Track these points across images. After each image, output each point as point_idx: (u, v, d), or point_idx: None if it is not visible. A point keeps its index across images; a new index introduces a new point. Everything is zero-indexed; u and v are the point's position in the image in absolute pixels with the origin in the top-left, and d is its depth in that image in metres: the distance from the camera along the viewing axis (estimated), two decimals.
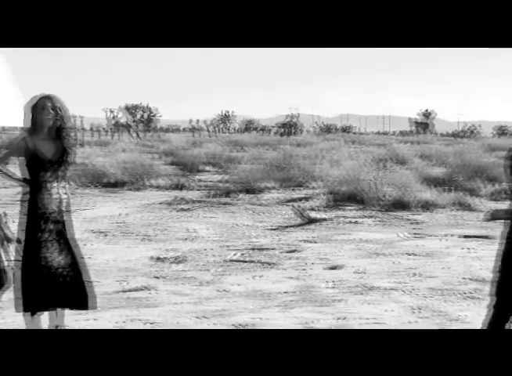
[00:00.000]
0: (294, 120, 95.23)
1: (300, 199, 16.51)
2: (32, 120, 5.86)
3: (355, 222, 13.31)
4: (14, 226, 5.74)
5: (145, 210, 15.49)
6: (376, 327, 6.43)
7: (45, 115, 5.83)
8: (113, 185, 20.39)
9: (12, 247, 4.83)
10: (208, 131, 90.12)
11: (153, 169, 21.63)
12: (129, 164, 21.68)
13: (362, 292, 7.85)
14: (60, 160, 5.95)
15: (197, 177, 23.28)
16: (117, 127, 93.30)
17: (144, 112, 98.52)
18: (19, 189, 6.14)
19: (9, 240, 3.61)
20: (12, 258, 3.59)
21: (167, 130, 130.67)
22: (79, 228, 6.43)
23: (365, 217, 14.09)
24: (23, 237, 5.62)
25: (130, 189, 19.84)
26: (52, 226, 5.86)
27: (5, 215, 4.43)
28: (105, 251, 10.60)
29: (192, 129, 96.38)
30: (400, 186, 15.84)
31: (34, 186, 5.84)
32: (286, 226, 12.91)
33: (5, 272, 3.48)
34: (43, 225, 5.81)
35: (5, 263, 3.49)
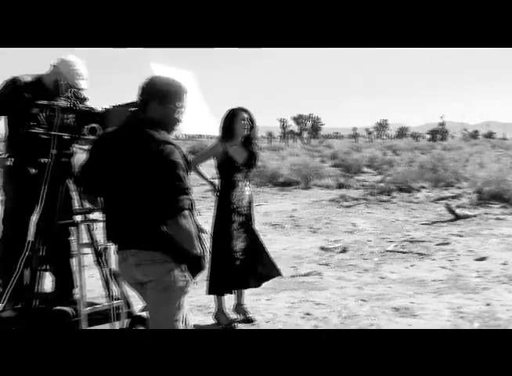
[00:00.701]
0: (444, 127, 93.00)
1: (449, 197, 16.07)
2: (229, 129, 6.05)
3: (500, 219, 12.80)
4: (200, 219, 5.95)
5: (312, 206, 15.57)
6: None
7: (243, 126, 6.02)
8: (284, 184, 20.59)
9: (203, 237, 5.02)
10: (369, 137, 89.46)
11: (319, 171, 21.68)
12: (298, 166, 21.83)
13: (507, 282, 7.56)
14: (250, 163, 6.12)
15: (358, 178, 23.14)
16: (288, 134, 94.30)
17: (311, 121, 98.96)
18: (207, 187, 6.35)
19: (202, 230, 3.74)
20: (206, 246, 3.72)
21: (329, 136, 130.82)
22: (257, 221, 6.58)
23: (509, 214, 13.52)
24: (206, 228, 5.84)
25: (299, 188, 19.98)
26: (240, 219, 6.04)
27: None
28: (279, 241, 10.77)
29: (354, 135, 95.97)
30: None
31: (228, 185, 6.03)
32: (437, 221, 12.61)
33: (204, 259, 3.60)
34: (234, 217, 6.00)
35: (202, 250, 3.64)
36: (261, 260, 6.21)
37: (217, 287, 6.10)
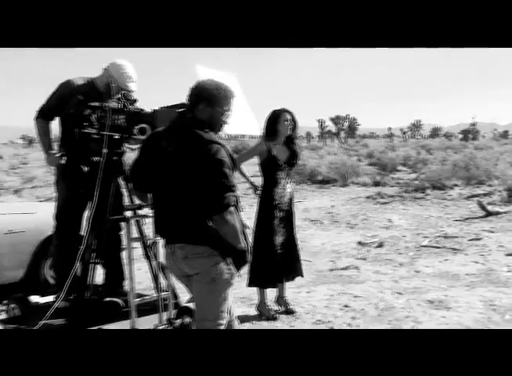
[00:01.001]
0: (475, 127, 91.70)
1: (481, 195, 15.81)
2: (273, 129, 6.03)
3: None
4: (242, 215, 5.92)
5: (350, 203, 15.48)
6: None
7: (286, 127, 6.00)
8: (322, 182, 20.51)
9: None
10: (403, 137, 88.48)
11: (356, 169, 21.54)
12: (336, 164, 21.73)
13: None
14: (292, 162, 6.11)
15: (393, 175, 22.93)
16: (326, 134, 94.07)
17: (348, 122, 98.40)
18: (248, 185, 6.35)
19: (245, 226, 3.75)
20: (249, 241, 3.73)
21: (365, 136, 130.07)
22: (297, 216, 6.56)
23: None
24: (248, 224, 5.84)
25: (337, 186, 19.87)
26: (281, 214, 6.02)
27: None
28: (318, 236, 10.75)
29: (389, 135, 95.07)
30: None
31: (270, 182, 6.03)
32: (469, 218, 12.42)
33: (248, 252, 3.61)
34: (276, 213, 5.99)
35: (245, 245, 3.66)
36: (293, 258, 6.19)
37: (258, 280, 6.10)
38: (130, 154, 4.84)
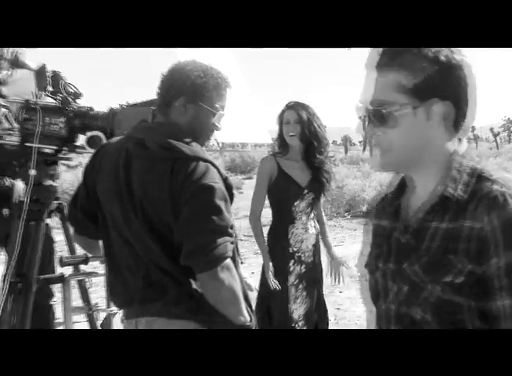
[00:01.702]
0: None
1: None
2: (279, 136, 4.49)
3: None
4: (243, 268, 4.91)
5: None
6: None
7: (289, 132, 4.18)
8: (368, 214, 18.77)
9: None
10: (494, 140, 68.89)
11: None
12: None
13: None
14: (315, 187, 4.34)
15: None
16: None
17: None
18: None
19: (248, 287, 2.77)
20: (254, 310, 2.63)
21: None
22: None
23: None
24: (254, 284, 4.95)
25: None
26: (301, 269, 4.15)
27: None
28: (363, 301, 9.53)
29: (474, 138, 73.83)
30: None
31: (283, 219, 4.55)
32: None
33: (254, 329, 2.54)
34: (292, 267, 4.22)
35: None
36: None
37: None
38: (66, 175, 3.43)
